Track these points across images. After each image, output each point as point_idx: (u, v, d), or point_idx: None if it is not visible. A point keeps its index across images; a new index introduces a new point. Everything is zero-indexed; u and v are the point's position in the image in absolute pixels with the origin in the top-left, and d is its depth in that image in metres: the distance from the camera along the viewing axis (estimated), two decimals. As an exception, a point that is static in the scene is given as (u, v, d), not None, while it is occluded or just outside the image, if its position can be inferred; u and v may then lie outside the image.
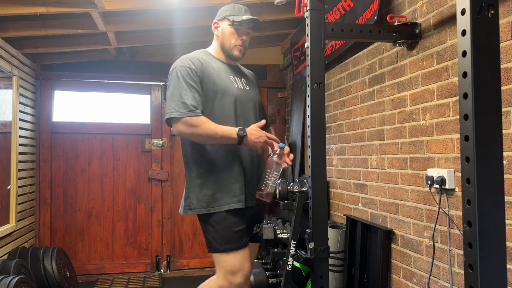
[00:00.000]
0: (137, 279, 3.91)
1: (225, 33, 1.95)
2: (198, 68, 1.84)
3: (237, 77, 1.98)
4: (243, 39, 1.95)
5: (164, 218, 4.14)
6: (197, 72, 1.82)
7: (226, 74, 1.93)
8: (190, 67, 1.82)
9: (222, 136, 1.76)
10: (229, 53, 1.96)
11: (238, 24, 1.91)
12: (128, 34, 3.49)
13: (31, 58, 3.74)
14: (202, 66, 1.86)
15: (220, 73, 1.91)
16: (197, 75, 1.82)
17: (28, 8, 2.69)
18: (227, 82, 1.90)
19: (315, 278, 1.68)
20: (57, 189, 3.95)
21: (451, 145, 1.85)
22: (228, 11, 1.96)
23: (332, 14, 2.84)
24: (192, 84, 1.80)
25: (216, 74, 1.89)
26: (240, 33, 1.94)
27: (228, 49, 1.95)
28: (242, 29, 1.94)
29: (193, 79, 1.81)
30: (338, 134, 3.01)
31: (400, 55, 2.25)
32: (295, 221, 2.74)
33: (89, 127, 4.05)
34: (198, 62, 1.86)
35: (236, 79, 1.97)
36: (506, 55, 1.58)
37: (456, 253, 1.84)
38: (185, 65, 1.83)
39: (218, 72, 1.91)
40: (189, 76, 1.80)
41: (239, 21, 1.90)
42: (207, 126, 1.76)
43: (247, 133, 1.76)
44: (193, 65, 1.83)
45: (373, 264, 2.43)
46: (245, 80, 2.03)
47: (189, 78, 1.80)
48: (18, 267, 2.77)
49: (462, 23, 0.86)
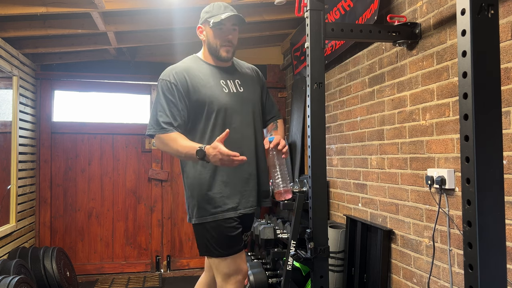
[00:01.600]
0: (137, 279, 3.91)
1: (209, 36, 1.89)
2: (180, 81, 1.83)
3: (230, 80, 1.93)
4: (228, 38, 1.88)
5: (164, 218, 4.14)
6: (176, 86, 1.82)
7: (215, 80, 1.89)
8: (170, 81, 1.83)
9: (186, 155, 1.77)
10: (217, 55, 1.90)
11: (217, 25, 1.84)
12: (128, 34, 3.49)
13: (31, 58, 3.74)
14: (187, 77, 1.84)
15: (209, 81, 1.87)
16: (176, 89, 1.82)
17: (28, 8, 2.69)
18: (215, 90, 1.86)
19: (315, 278, 1.68)
20: (57, 189, 3.96)
21: (451, 145, 1.85)
22: (208, 12, 1.89)
23: (332, 14, 2.84)
24: (170, 98, 1.81)
25: (204, 83, 1.86)
26: (224, 33, 1.87)
27: (215, 51, 1.89)
28: (225, 28, 1.86)
29: (172, 94, 1.82)
30: (338, 134, 3.01)
31: (400, 55, 2.25)
32: (295, 221, 2.74)
33: (89, 127, 4.05)
34: (181, 74, 1.84)
35: (228, 82, 1.92)
36: (506, 55, 1.58)
37: (456, 253, 1.84)
38: (166, 79, 1.85)
39: (206, 79, 1.87)
40: (169, 91, 1.82)
41: (217, 21, 1.83)
42: (172, 145, 1.78)
43: (206, 153, 1.67)
44: (173, 79, 1.83)
45: (373, 264, 2.44)
46: (240, 81, 1.96)
47: (168, 92, 1.82)
48: (18, 267, 2.77)
49: (462, 23, 0.86)
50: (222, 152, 1.62)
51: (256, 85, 2.05)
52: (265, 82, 2.16)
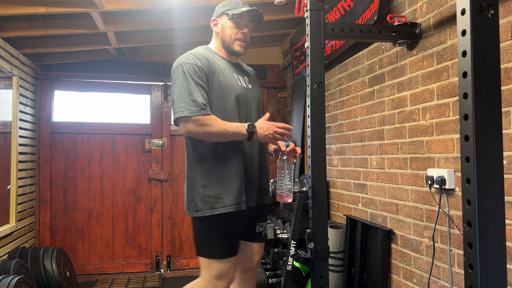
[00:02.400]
0: (137, 279, 3.91)
1: (225, 29, 1.90)
2: (205, 65, 1.79)
3: (240, 75, 1.95)
4: (244, 32, 1.90)
5: (164, 218, 4.14)
6: (203, 69, 1.78)
7: (230, 71, 1.90)
8: (196, 64, 1.77)
9: (233, 133, 1.73)
10: (230, 49, 1.91)
11: (237, 17, 1.87)
12: (128, 34, 3.49)
13: (31, 58, 3.74)
14: (209, 63, 1.81)
15: (225, 71, 1.87)
16: (203, 72, 1.78)
17: (28, 8, 2.69)
18: (231, 80, 1.87)
19: (315, 278, 1.68)
20: (57, 189, 3.95)
21: (451, 145, 1.85)
22: (225, 6, 1.92)
23: (332, 14, 2.84)
24: (199, 82, 1.75)
25: (221, 71, 1.85)
26: (240, 27, 1.89)
27: (229, 44, 1.90)
28: (242, 22, 1.89)
29: (199, 77, 1.76)
30: (338, 134, 3.01)
31: (400, 55, 2.25)
32: (295, 221, 2.74)
33: (89, 127, 4.05)
34: (204, 59, 1.81)
35: (239, 77, 1.93)
36: (506, 55, 1.58)
37: (456, 253, 1.84)
38: (191, 62, 1.77)
39: (223, 69, 1.87)
40: (196, 74, 1.76)
41: (238, 13, 1.86)
42: (218, 124, 1.72)
43: (256, 127, 1.73)
44: (199, 62, 1.78)
45: (373, 264, 2.43)
46: (248, 78, 2.00)
47: (195, 75, 1.75)
48: (18, 267, 2.77)
49: (462, 23, 0.86)
50: (277, 124, 1.76)
51: (258, 86, 2.08)
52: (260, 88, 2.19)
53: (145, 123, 4.19)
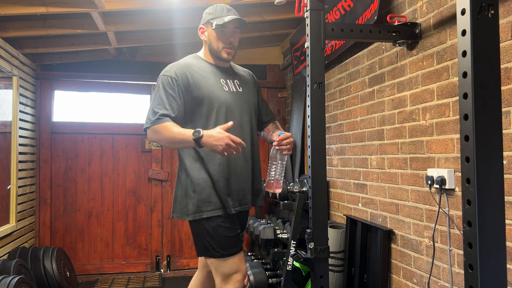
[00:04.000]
0: (137, 279, 3.91)
1: (211, 38, 1.91)
2: (180, 77, 1.84)
3: (229, 80, 1.95)
4: (230, 41, 1.90)
5: (164, 218, 4.14)
6: (177, 80, 1.83)
7: (215, 78, 1.91)
8: (171, 76, 1.84)
9: (180, 140, 1.76)
10: (217, 56, 1.93)
11: (220, 27, 1.87)
12: (128, 34, 3.49)
13: (31, 58, 3.74)
14: (188, 74, 1.85)
15: (209, 78, 1.89)
16: (177, 83, 1.82)
17: (28, 8, 2.69)
18: (215, 87, 1.88)
19: (315, 278, 1.68)
20: (57, 189, 3.95)
21: (451, 145, 1.85)
22: (210, 14, 1.91)
23: (332, 14, 2.84)
24: (170, 92, 1.81)
25: (204, 80, 1.87)
26: (226, 35, 1.89)
27: (217, 52, 1.92)
28: (227, 30, 1.89)
29: (172, 88, 1.82)
30: (338, 134, 3.01)
31: (400, 55, 2.25)
32: (295, 221, 2.74)
33: (89, 127, 4.05)
34: (182, 71, 1.85)
35: (228, 82, 1.94)
36: (506, 55, 1.58)
37: (456, 253, 1.84)
38: (167, 74, 1.85)
39: (207, 77, 1.88)
40: (169, 85, 1.82)
41: (221, 24, 1.85)
42: (167, 131, 1.76)
43: (205, 135, 1.69)
44: (174, 74, 1.84)
45: (373, 264, 2.43)
46: (239, 82, 1.99)
47: (168, 87, 1.82)
48: (18, 267, 2.77)
49: (462, 23, 0.86)
50: (232, 138, 1.66)
51: (253, 88, 2.08)
52: (259, 85, 2.19)
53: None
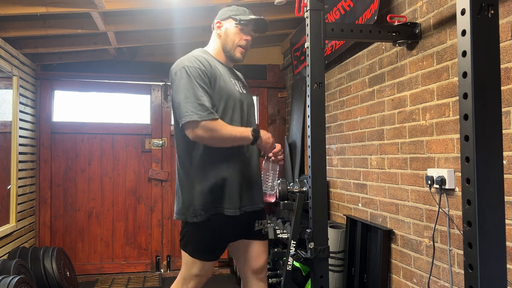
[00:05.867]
0: (137, 279, 3.91)
1: (229, 33, 1.90)
2: (207, 69, 1.78)
3: (236, 80, 1.96)
4: (247, 40, 1.92)
5: (164, 218, 4.14)
6: (207, 73, 1.76)
7: (228, 77, 1.90)
8: (200, 68, 1.75)
9: (241, 137, 1.76)
10: (230, 54, 1.92)
11: (245, 23, 1.89)
12: (128, 34, 3.49)
13: (31, 58, 3.74)
14: (211, 67, 1.80)
15: (224, 75, 1.87)
16: (207, 76, 1.76)
17: (28, 8, 2.69)
18: (230, 85, 1.86)
19: (315, 278, 1.68)
20: (57, 189, 3.95)
21: (451, 145, 1.85)
22: (233, 11, 1.93)
23: (332, 14, 2.84)
24: (203, 86, 1.73)
25: (221, 76, 1.84)
26: (244, 33, 1.91)
27: (231, 49, 1.91)
28: (246, 29, 1.92)
29: (203, 81, 1.74)
30: (338, 134, 3.01)
31: (400, 55, 2.25)
32: (295, 221, 2.74)
33: (89, 127, 4.05)
34: (206, 63, 1.80)
35: (236, 82, 1.94)
36: (506, 55, 1.58)
37: (456, 253, 1.84)
38: (195, 66, 1.75)
39: (223, 73, 1.86)
40: (200, 78, 1.73)
41: (247, 19, 1.88)
42: (226, 129, 1.73)
43: (261, 136, 1.77)
44: (203, 66, 1.77)
45: (373, 264, 2.44)
46: (241, 83, 2.01)
47: (200, 79, 1.73)
48: (18, 267, 2.77)
49: (462, 23, 0.86)
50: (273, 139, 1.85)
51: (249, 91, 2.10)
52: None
53: (145, 123, 4.19)
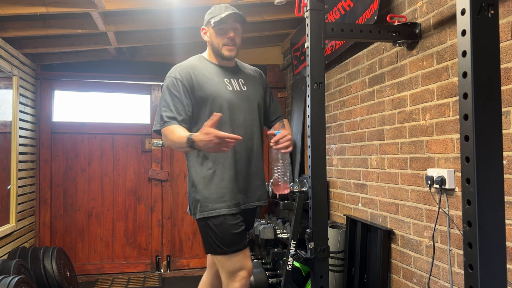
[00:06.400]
0: (137, 279, 3.91)
1: (212, 37, 1.96)
2: (185, 77, 1.87)
3: (233, 79, 1.97)
4: (229, 37, 1.92)
5: (164, 218, 4.14)
6: (182, 81, 1.87)
7: (219, 77, 1.94)
8: (176, 77, 1.88)
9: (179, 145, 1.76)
10: (220, 55, 1.96)
11: (218, 24, 1.90)
12: (128, 34, 3.49)
13: (31, 58, 3.74)
14: (192, 74, 1.89)
15: (213, 78, 1.92)
16: (182, 84, 1.86)
17: (28, 8, 2.69)
18: (219, 86, 1.91)
19: (315, 278, 1.68)
20: (57, 189, 3.95)
21: (451, 145, 1.85)
22: (209, 14, 1.97)
23: (332, 14, 2.84)
24: (175, 93, 1.85)
25: (208, 80, 1.90)
26: (225, 32, 1.92)
27: (218, 50, 1.95)
28: (226, 26, 1.92)
29: (176, 89, 1.86)
30: (338, 134, 3.01)
31: (400, 55, 2.25)
32: (295, 221, 2.74)
33: (89, 127, 4.05)
34: (186, 71, 1.89)
35: (232, 81, 1.96)
36: (506, 55, 1.58)
37: (456, 253, 1.84)
38: (172, 76, 1.90)
39: (211, 77, 1.92)
40: (174, 86, 1.86)
41: (218, 20, 1.89)
42: (171, 136, 1.80)
43: (195, 140, 1.64)
44: (179, 75, 1.88)
45: (373, 264, 2.43)
46: (243, 80, 2.01)
47: (173, 88, 1.86)
48: (18, 267, 2.77)
49: (462, 23, 0.86)
50: (218, 135, 1.57)
51: (259, 86, 2.08)
52: (268, 84, 2.20)
53: (145, 123, 4.19)
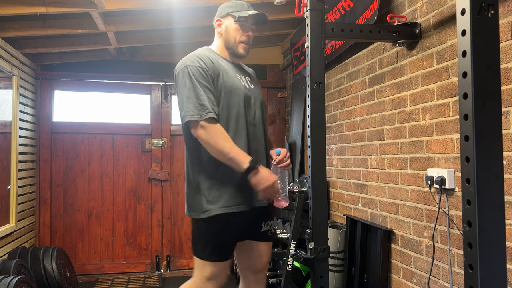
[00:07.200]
0: (137, 279, 3.91)
1: (229, 30, 1.90)
2: (209, 67, 1.78)
3: (242, 75, 1.95)
4: (248, 35, 1.91)
5: (164, 218, 4.14)
6: (208, 71, 1.77)
7: (233, 72, 1.89)
8: (201, 67, 1.77)
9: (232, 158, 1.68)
10: (233, 51, 1.91)
11: (244, 20, 1.87)
12: (128, 34, 3.49)
13: (31, 58, 3.74)
14: (213, 64, 1.81)
15: (229, 71, 1.87)
16: (209, 74, 1.77)
17: (28, 8, 2.69)
18: (235, 81, 1.86)
19: (315, 278, 1.68)
20: (57, 189, 3.95)
21: (451, 145, 1.85)
22: (231, 7, 1.91)
23: (332, 14, 2.84)
24: (205, 84, 1.75)
25: (225, 73, 1.84)
26: (245, 29, 1.90)
27: (233, 46, 1.90)
28: (247, 25, 1.90)
29: (206, 79, 1.75)
30: (338, 134, 3.01)
31: (400, 55, 2.25)
32: (295, 221, 2.74)
33: (89, 127, 4.05)
34: (208, 60, 1.80)
35: (242, 78, 1.93)
36: (506, 55, 1.58)
37: (456, 253, 1.84)
38: (196, 65, 1.77)
39: (227, 70, 1.86)
40: (202, 77, 1.75)
41: (245, 16, 1.86)
42: (222, 142, 1.69)
43: (259, 170, 1.67)
44: (204, 64, 1.78)
45: (373, 264, 2.43)
46: (249, 78, 2.00)
47: (202, 78, 1.75)
48: (18, 267, 2.77)
49: (462, 23, 0.86)
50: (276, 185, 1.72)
51: (260, 87, 2.08)
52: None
53: (145, 123, 4.19)
